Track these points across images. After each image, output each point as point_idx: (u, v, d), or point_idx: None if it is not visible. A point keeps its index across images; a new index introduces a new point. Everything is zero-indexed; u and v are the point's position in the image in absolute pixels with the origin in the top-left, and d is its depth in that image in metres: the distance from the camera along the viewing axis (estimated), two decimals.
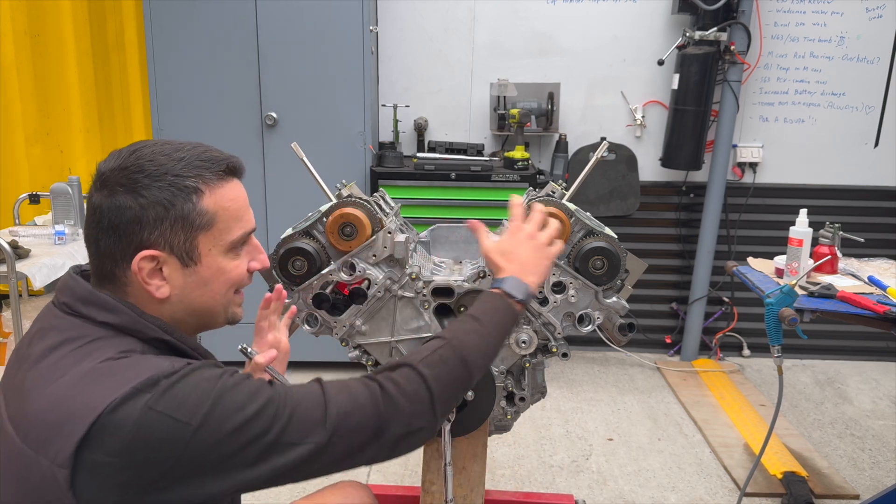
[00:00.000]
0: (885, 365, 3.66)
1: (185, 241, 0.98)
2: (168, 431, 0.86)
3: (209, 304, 1.04)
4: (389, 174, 3.19)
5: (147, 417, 0.86)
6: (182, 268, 1.00)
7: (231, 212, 1.02)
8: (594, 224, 1.58)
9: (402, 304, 1.59)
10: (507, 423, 1.72)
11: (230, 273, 1.04)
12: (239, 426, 0.90)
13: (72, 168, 3.39)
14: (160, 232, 0.97)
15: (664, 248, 3.73)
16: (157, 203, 0.96)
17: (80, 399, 0.88)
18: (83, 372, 0.91)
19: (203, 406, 0.89)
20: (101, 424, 0.86)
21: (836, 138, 3.59)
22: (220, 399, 0.90)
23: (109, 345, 0.95)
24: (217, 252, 1.01)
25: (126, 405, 0.86)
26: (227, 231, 1.02)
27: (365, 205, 1.57)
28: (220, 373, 0.94)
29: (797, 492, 2.45)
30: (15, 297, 2.33)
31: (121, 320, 0.97)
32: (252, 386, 0.95)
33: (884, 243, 3.51)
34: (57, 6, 3.23)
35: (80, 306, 0.98)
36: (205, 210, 0.99)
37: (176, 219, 0.97)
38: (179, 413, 0.87)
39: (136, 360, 0.94)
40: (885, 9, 3.43)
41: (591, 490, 2.52)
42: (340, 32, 3.05)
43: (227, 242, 1.02)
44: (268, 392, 0.95)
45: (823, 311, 1.90)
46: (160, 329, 0.99)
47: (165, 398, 0.87)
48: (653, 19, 3.49)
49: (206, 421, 0.88)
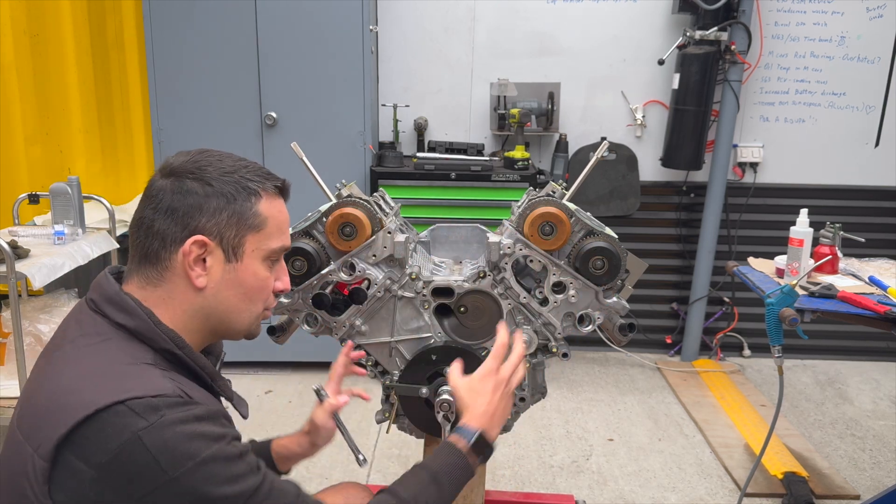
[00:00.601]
0: (885, 365, 3.66)
1: (234, 236, 1.03)
2: (145, 468, 0.87)
3: (237, 307, 1.06)
4: (389, 174, 3.19)
5: (133, 445, 0.86)
6: (225, 262, 1.03)
7: (278, 222, 1.08)
8: (594, 224, 1.57)
9: (402, 304, 1.58)
10: (508, 424, 1.72)
11: (263, 281, 1.07)
12: (209, 498, 0.90)
13: (71, 168, 3.38)
14: (216, 221, 1.01)
15: (664, 248, 3.73)
16: (221, 194, 1.02)
17: (77, 394, 0.89)
18: (88, 369, 0.93)
19: (187, 462, 0.88)
20: (88, 426, 0.86)
21: (836, 138, 3.59)
22: (207, 464, 0.90)
23: (120, 348, 0.97)
24: (257, 256, 1.06)
25: (119, 419, 0.87)
26: (271, 238, 1.06)
27: (365, 205, 1.57)
28: (222, 434, 0.94)
29: (798, 492, 2.44)
30: (14, 297, 2.32)
31: (136, 325, 0.98)
32: (243, 467, 0.94)
33: (884, 243, 3.51)
34: (57, 6, 3.23)
35: (103, 304, 1.00)
36: (259, 212, 1.05)
37: (233, 213, 1.02)
38: (162, 457, 0.87)
39: (142, 370, 0.94)
40: (885, 9, 3.42)
41: (592, 490, 2.52)
42: (340, 32, 3.04)
43: (268, 249, 1.06)
44: (254, 481, 0.95)
45: (824, 312, 1.90)
46: (172, 342, 1.00)
47: (158, 435, 0.87)
48: (653, 19, 3.48)
49: (182, 477, 0.88)
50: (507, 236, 1.55)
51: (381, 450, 2.76)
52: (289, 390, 3.24)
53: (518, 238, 1.53)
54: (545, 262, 1.54)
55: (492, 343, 1.58)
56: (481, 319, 1.58)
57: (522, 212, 1.54)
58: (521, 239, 1.53)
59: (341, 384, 1.43)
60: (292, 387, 3.27)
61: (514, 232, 1.54)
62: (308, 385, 3.29)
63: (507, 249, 1.53)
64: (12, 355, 2.55)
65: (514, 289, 1.55)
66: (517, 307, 1.57)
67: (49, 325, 2.63)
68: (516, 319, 1.58)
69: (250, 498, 0.93)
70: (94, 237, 2.76)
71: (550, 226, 1.52)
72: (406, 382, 1.57)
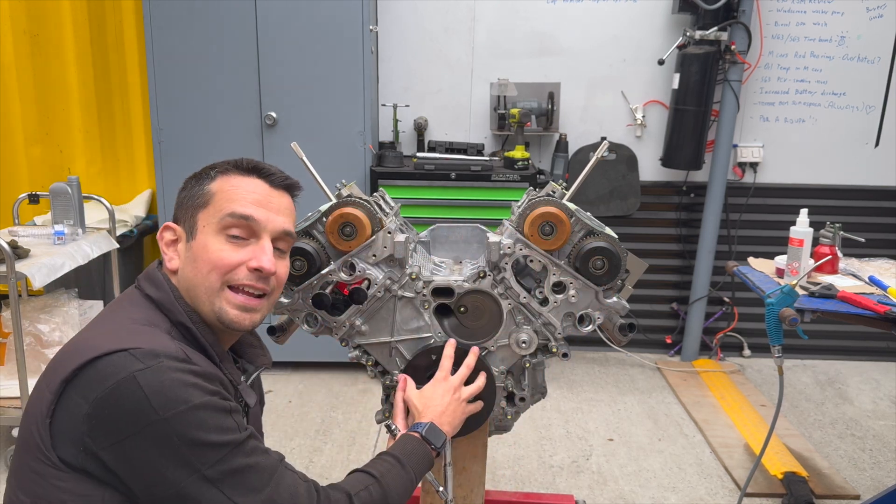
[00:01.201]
0: (885, 365, 3.66)
1: (190, 217, 1.12)
2: (135, 405, 0.92)
3: (194, 281, 1.11)
4: (389, 174, 3.19)
5: (128, 383, 0.92)
6: (186, 243, 1.13)
7: (228, 194, 1.12)
8: (594, 224, 1.57)
9: (402, 304, 1.58)
10: (508, 424, 1.72)
11: (212, 253, 1.10)
12: (195, 443, 0.95)
13: (71, 168, 3.39)
14: (182, 209, 1.14)
15: (664, 248, 3.73)
16: (185, 187, 1.16)
17: (91, 342, 0.98)
18: (108, 327, 1.04)
19: (177, 405, 0.94)
20: (92, 366, 0.94)
21: (836, 138, 3.59)
22: (197, 410, 0.95)
23: (144, 314, 1.07)
24: (210, 231, 1.11)
25: (119, 360, 0.94)
26: (220, 210, 1.11)
27: (365, 205, 1.57)
28: (215, 390, 1.00)
29: (798, 492, 2.44)
30: (14, 297, 2.32)
31: (159, 296, 1.09)
32: (231, 422, 1.00)
33: (884, 243, 3.51)
34: (57, 6, 3.23)
35: (142, 280, 1.13)
36: (209, 190, 1.13)
37: (188, 196, 1.14)
38: (154, 397, 0.92)
39: (154, 332, 1.03)
40: (885, 9, 3.42)
41: (592, 490, 2.52)
42: (340, 32, 3.04)
43: (217, 221, 1.11)
44: (241, 436, 1.00)
45: (824, 312, 1.90)
46: (188, 316, 1.09)
47: (153, 376, 0.93)
48: (653, 19, 3.49)
49: (172, 419, 0.93)
50: (507, 236, 1.55)
51: (381, 450, 2.75)
52: (289, 390, 3.24)
53: (518, 238, 1.53)
54: (545, 262, 1.53)
55: (492, 343, 1.58)
56: (481, 319, 1.58)
57: (522, 212, 1.54)
58: (521, 239, 1.53)
59: (406, 416, 1.47)
60: (292, 387, 3.28)
61: (514, 232, 1.54)
62: (308, 385, 3.29)
63: (507, 249, 1.53)
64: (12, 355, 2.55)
65: (514, 289, 1.55)
66: (517, 307, 1.57)
67: (49, 325, 2.63)
68: (516, 319, 1.58)
69: (235, 449, 0.98)
70: (94, 237, 2.76)
71: (550, 226, 1.52)
72: None
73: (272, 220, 1.14)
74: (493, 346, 1.59)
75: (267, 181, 1.16)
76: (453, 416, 1.39)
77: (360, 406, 3.12)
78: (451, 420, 1.39)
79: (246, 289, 1.12)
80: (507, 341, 1.58)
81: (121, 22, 3.45)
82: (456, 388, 1.43)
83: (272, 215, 1.14)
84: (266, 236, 1.13)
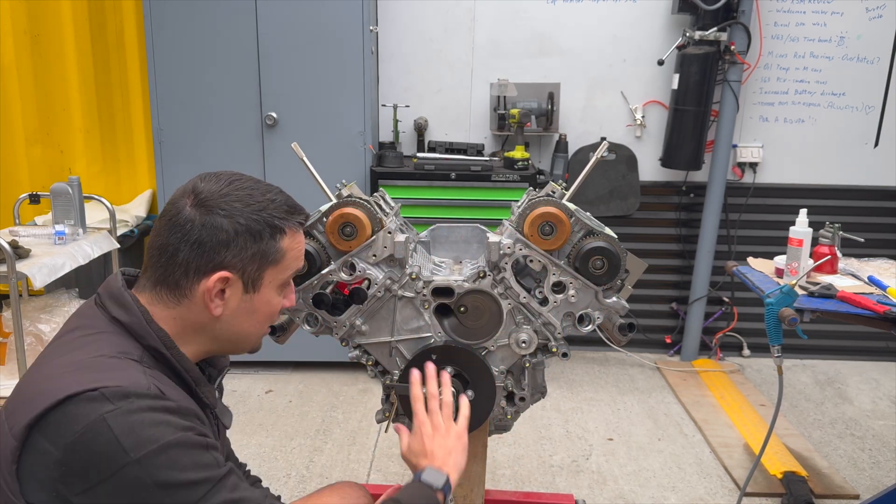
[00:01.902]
0: (885, 365, 3.66)
1: (255, 271, 1.06)
2: (107, 448, 0.87)
3: (248, 331, 1.11)
4: (389, 174, 3.19)
5: (97, 426, 0.88)
6: (243, 293, 1.07)
7: (296, 253, 1.12)
8: (594, 224, 1.58)
9: (402, 303, 1.59)
10: (507, 423, 1.72)
11: (275, 307, 1.12)
12: (170, 484, 0.90)
13: (72, 168, 3.39)
14: (241, 258, 1.04)
15: (664, 248, 3.73)
16: (249, 232, 1.04)
17: (57, 381, 0.92)
18: (75, 360, 0.96)
19: (149, 445, 0.89)
20: (59, 410, 0.89)
21: (836, 138, 3.59)
22: (171, 448, 0.90)
23: (110, 342, 0.99)
24: (273, 286, 1.10)
25: (88, 403, 0.89)
26: (288, 269, 1.11)
27: (365, 205, 1.57)
28: (189, 426, 0.95)
29: (797, 492, 2.45)
30: (15, 297, 2.33)
31: (129, 320, 1.02)
32: (209, 458, 0.95)
33: (884, 243, 3.51)
34: (57, 6, 3.24)
35: (105, 299, 1.05)
36: (281, 248, 1.08)
37: (258, 251, 1.05)
38: (126, 439, 0.88)
39: (124, 365, 0.96)
40: (885, 9, 3.43)
41: (591, 490, 2.52)
42: (340, 32, 3.05)
43: (283, 279, 1.11)
44: (220, 472, 0.95)
45: (823, 311, 1.90)
46: (160, 341, 1.02)
47: (123, 418, 0.88)
48: (653, 19, 3.49)
49: (144, 460, 0.88)
50: (507, 236, 1.55)
51: (381, 449, 2.76)
52: (289, 390, 3.24)
53: (518, 238, 1.54)
54: (545, 262, 1.54)
55: (492, 343, 1.58)
56: (481, 319, 1.58)
57: (522, 212, 1.55)
58: (521, 239, 1.54)
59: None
60: (292, 387, 3.28)
61: (514, 232, 1.55)
62: (308, 384, 3.29)
63: (507, 249, 1.53)
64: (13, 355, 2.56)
65: (514, 289, 1.55)
66: (517, 307, 1.57)
67: (49, 325, 2.64)
68: (516, 319, 1.58)
69: (215, 487, 0.93)
70: (95, 237, 2.77)
71: (550, 226, 1.52)
72: (406, 382, 1.57)
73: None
74: (493, 346, 1.59)
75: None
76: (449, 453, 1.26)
77: (361, 406, 3.12)
78: (448, 459, 1.25)
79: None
80: (507, 341, 1.59)
81: (121, 22, 3.45)
82: (437, 426, 1.29)
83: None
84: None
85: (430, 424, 1.29)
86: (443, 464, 1.24)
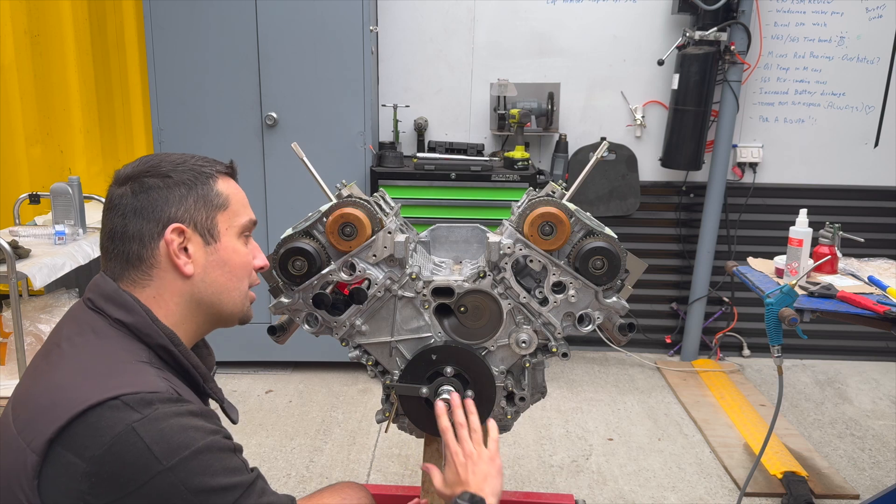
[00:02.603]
0: (885, 365, 3.67)
1: (206, 219, 1.06)
2: (139, 458, 0.86)
3: (226, 286, 1.09)
4: (389, 174, 3.19)
5: (128, 436, 0.86)
6: (204, 246, 1.06)
7: (239, 198, 1.12)
8: (594, 224, 1.58)
9: (402, 303, 1.59)
10: (507, 423, 1.72)
11: (244, 256, 1.11)
12: (203, 489, 0.89)
13: (72, 168, 3.39)
14: (185, 208, 1.04)
15: (664, 248, 3.74)
16: (181, 183, 1.05)
17: (72, 390, 0.90)
18: (85, 365, 0.94)
19: (181, 451, 0.88)
20: (82, 421, 0.87)
21: (836, 138, 3.59)
22: (202, 454, 0.90)
23: (118, 345, 0.98)
24: (232, 233, 1.10)
25: (113, 413, 0.87)
26: (238, 214, 1.11)
27: (365, 205, 1.57)
28: (216, 429, 0.95)
29: (797, 492, 2.45)
30: (15, 297, 2.33)
31: (133, 321, 1.00)
32: (238, 461, 0.95)
33: (884, 243, 3.52)
34: (57, 6, 3.23)
35: (101, 302, 1.02)
36: (220, 192, 1.08)
37: (198, 197, 1.06)
38: (157, 447, 0.87)
39: (137, 368, 0.95)
40: (885, 9, 3.43)
41: (591, 490, 2.52)
42: (340, 32, 3.05)
43: (239, 225, 1.10)
44: (250, 476, 0.95)
45: (823, 311, 1.90)
46: (168, 338, 1.02)
47: (152, 426, 0.88)
48: (653, 19, 3.49)
49: (177, 467, 0.88)
50: (507, 236, 1.55)
51: (381, 449, 2.76)
52: (289, 390, 3.24)
53: (518, 238, 1.54)
54: (545, 262, 1.54)
55: (492, 343, 1.58)
56: (481, 319, 1.58)
57: (522, 212, 1.55)
58: (521, 239, 1.54)
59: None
60: (292, 387, 3.28)
61: (514, 232, 1.55)
62: (308, 384, 3.29)
63: (507, 249, 1.53)
64: (13, 355, 2.56)
65: (514, 289, 1.55)
66: (517, 307, 1.57)
67: (49, 325, 2.64)
68: (516, 319, 1.58)
69: (246, 491, 0.93)
70: (95, 237, 2.77)
71: (550, 226, 1.52)
72: (406, 382, 1.57)
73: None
74: (493, 346, 1.59)
75: (236, 180, 1.17)
76: (484, 480, 1.27)
77: (361, 406, 3.12)
78: (483, 485, 1.26)
79: (252, 286, 1.15)
80: (507, 341, 1.59)
81: (121, 22, 3.45)
82: (469, 455, 1.31)
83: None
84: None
85: (462, 453, 1.31)
86: (478, 489, 1.25)
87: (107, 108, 3.50)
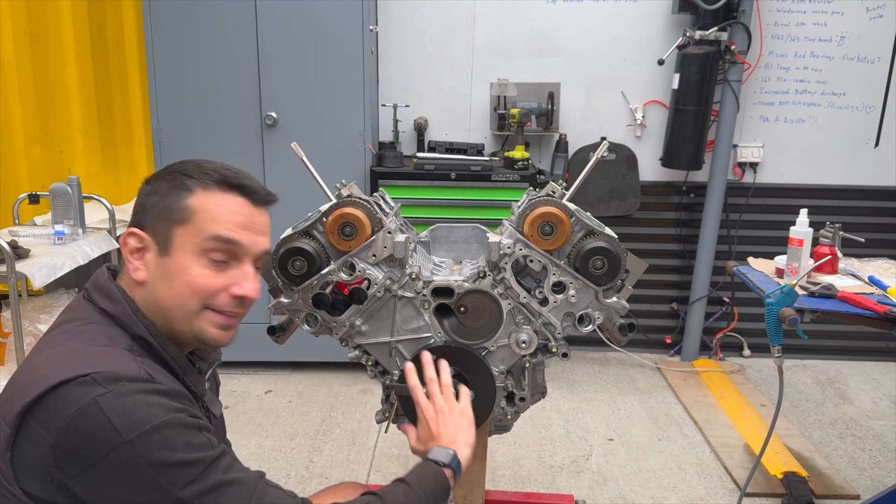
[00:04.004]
0: (885, 365, 3.66)
1: (165, 230, 1.04)
2: (99, 431, 0.88)
3: (168, 302, 1.05)
4: (389, 174, 3.19)
5: (89, 408, 0.88)
6: (158, 256, 1.05)
7: (211, 214, 1.05)
8: (594, 224, 1.57)
9: (402, 304, 1.58)
10: (507, 424, 1.72)
11: (193, 277, 1.04)
12: (164, 463, 0.90)
13: (71, 168, 3.39)
14: (151, 216, 1.05)
15: (664, 248, 3.73)
16: (157, 192, 1.06)
17: (49, 370, 0.92)
18: (67, 349, 0.97)
19: (142, 425, 0.89)
20: (52, 395, 0.89)
21: (836, 138, 3.59)
22: (162, 430, 0.90)
23: (101, 332, 1.01)
24: (189, 250, 1.04)
25: (80, 388, 0.89)
26: (202, 231, 1.04)
27: (365, 205, 1.57)
28: (182, 408, 0.95)
29: (797, 492, 2.44)
30: (14, 297, 2.32)
31: (115, 310, 1.04)
32: (202, 438, 0.95)
33: (884, 243, 3.51)
34: (57, 6, 3.23)
35: (93, 292, 1.06)
36: (187, 206, 1.04)
37: (163, 207, 1.05)
38: (118, 420, 0.88)
39: (115, 352, 0.98)
40: (885, 9, 3.42)
41: (591, 490, 2.52)
42: (340, 32, 3.04)
43: (198, 243, 1.04)
44: (214, 453, 0.95)
45: (824, 311, 1.90)
46: (146, 329, 1.04)
47: (115, 400, 0.89)
48: (653, 19, 3.49)
49: (137, 440, 0.88)
50: (507, 236, 1.55)
51: (381, 449, 2.76)
52: (289, 390, 3.24)
53: (518, 238, 1.53)
54: (545, 262, 1.54)
55: (492, 343, 1.58)
56: (481, 319, 1.58)
57: (522, 212, 1.54)
58: (521, 239, 1.53)
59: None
60: (292, 387, 3.28)
61: (514, 232, 1.54)
62: (308, 385, 3.29)
63: (507, 249, 1.53)
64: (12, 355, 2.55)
65: (514, 289, 1.55)
66: (517, 307, 1.57)
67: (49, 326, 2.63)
68: (516, 319, 1.58)
69: (209, 467, 0.93)
70: (95, 237, 2.76)
71: (550, 226, 1.52)
72: (406, 382, 1.57)
73: (256, 243, 1.09)
74: (493, 346, 1.59)
75: (250, 199, 1.09)
76: (456, 432, 1.28)
77: (360, 406, 3.12)
78: (454, 437, 1.27)
79: (227, 312, 1.08)
80: (507, 341, 1.59)
81: (121, 22, 3.45)
82: (440, 410, 1.32)
83: (256, 237, 1.09)
84: (248, 260, 1.08)
85: (433, 409, 1.32)
86: (451, 442, 1.26)
87: (106, 108, 3.49)
